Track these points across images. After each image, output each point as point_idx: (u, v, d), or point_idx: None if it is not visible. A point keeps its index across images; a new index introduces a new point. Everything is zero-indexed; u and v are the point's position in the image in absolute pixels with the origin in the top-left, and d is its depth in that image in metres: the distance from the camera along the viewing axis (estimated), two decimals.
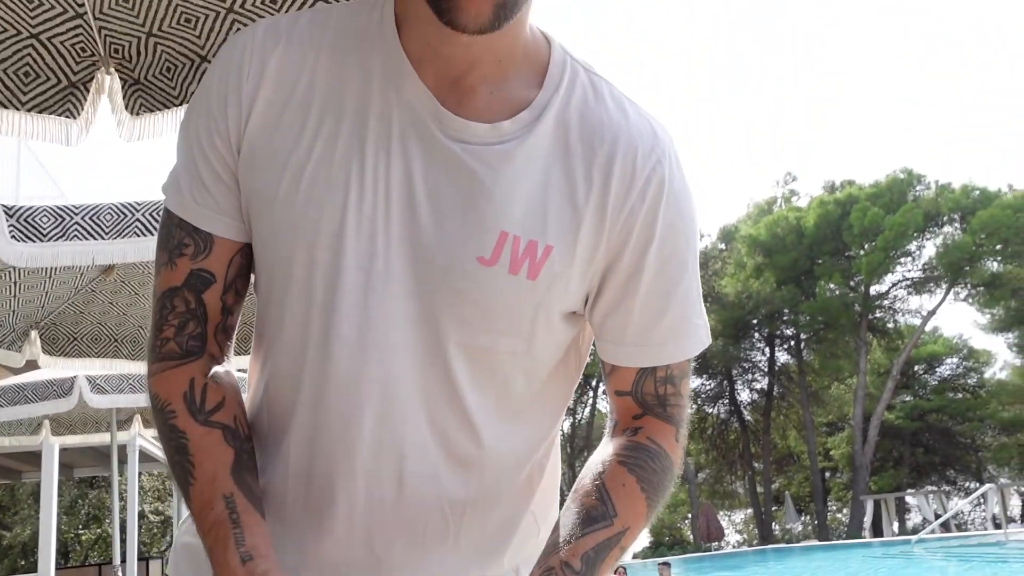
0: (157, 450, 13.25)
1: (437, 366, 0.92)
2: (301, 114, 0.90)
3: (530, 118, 0.89)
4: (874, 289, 30.83)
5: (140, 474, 13.76)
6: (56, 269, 4.11)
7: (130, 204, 3.22)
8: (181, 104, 1.52)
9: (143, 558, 13.40)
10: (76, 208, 3.20)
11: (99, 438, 7.75)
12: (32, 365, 6.56)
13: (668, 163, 0.92)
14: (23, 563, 21.97)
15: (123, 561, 9.65)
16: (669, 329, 0.96)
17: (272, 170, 0.90)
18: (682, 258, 0.94)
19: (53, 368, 5.43)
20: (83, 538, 23.58)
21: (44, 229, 3.10)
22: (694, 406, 34.53)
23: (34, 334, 4.65)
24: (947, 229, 29.48)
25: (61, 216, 3.16)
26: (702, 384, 35.15)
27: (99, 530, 23.19)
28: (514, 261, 0.88)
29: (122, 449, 10.71)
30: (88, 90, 1.49)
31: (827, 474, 34.60)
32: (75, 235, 3.16)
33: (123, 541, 10.56)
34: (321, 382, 0.92)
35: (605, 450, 0.99)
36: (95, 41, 1.41)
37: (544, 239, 0.89)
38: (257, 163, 0.91)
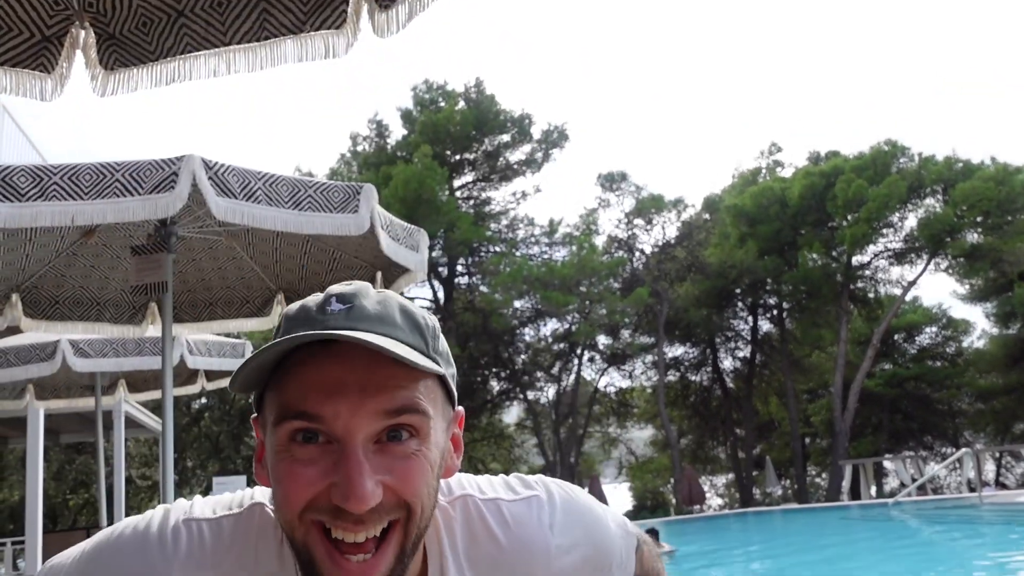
0: (143, 416, 13.29)
1: None
2: None
3: None
4: (856, 260, 31.02)
5: (126, 440, 13.79)
6: (36, 231, 4.11)
7: (109, 165, 3.21)
8: (156, 59, 1.54)
9: None
10: (54, 168, 3.19)
11: (84, 403, 7.76)
12: (14, 330, 6.58)
13: (554, 549, 0.99)
14: (12, 527, 22.05)
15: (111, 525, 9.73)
16: None
17: None
18: (618, 551, 1.10)
19: (35, 332, 5.44)
20: (71, 503, 23.69)
21: (22, 189, 3.09)
22: (677, 374, 34.95)
23: (15, 297, 4.66)
24: (929, 201, 29.63)
25: (39, 176, 3.15)
26: (685, 352, 35.39)
27: (86, 495, 23.29)
28: None
29: (107, 415, 10.75)
30: (62, 44, 1.50)
31: (807, 440, 35.02)
32: (54, 195, 3.14)
33: (110, 505, 10.64)
34: None
35: None
36: None
37: None
38: None
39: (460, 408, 0.94)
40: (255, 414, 0.91)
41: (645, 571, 1.16)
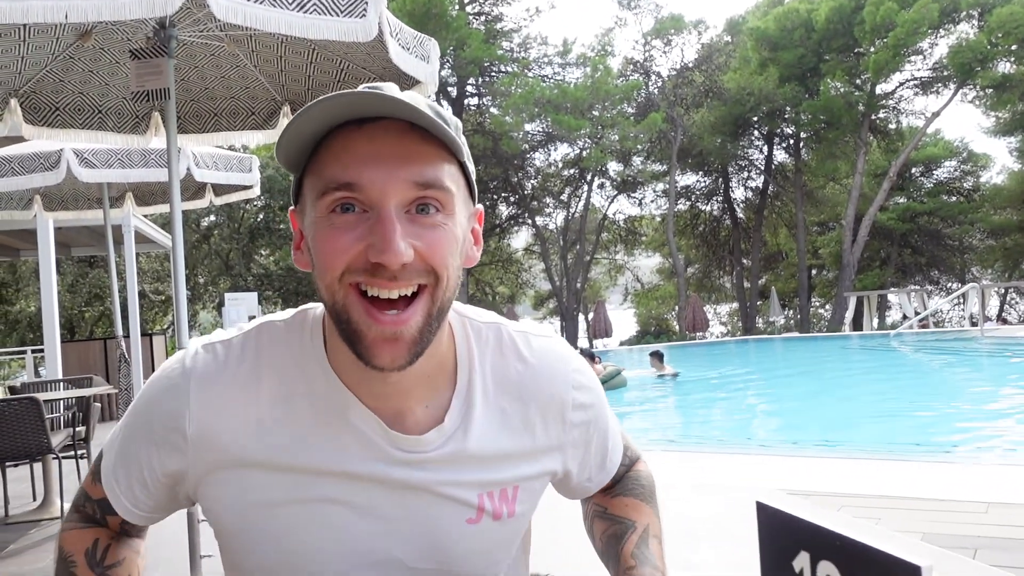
0: (153, 231, 13.37)
1: None
2: (261, 469, 0.98)
3: (460, 404, 1.02)
4: (880, 89, 30.08)
5: (138, 255, 13.92)
6: (28, 30, 3.91)
7: None
8: None
9: (146, 334, 13.86)
10: None
11: (93, 215, 7.75)
12: (17, 140, 6.44)
13: (574, 381, 1.10)
14: (31, 336, 22.79)
15: (127, 336, 9.97)
16: (614, 448, 1.21)
17: (252, 520, 0.99)
18: (605, 415, 1.17)
19: (38, 140, 5.31)
20: (86, 314, 24.33)
21: None
22: (687, 203, 34.85)
23: (14, 103, 4.51)
24: (962, 27, 28.33)
25: None
26: (697, 181, 35.12)
27: (102, 307, 23.88)
28: (496, 510, 1.05)
29: (117, 229, 10.79)
30: None
31: (814, 272, 35.36)
32: None
33: (125, 318, 10.88)
34: None
35: (602, 495, 1.25)
36: None
37: (511, 483, 1.05)
38: (225, 514, 1.00)
39: (479, 206, 1.01)
40: (292, 207, 0.99)
41: (633, 456, 1.28)
